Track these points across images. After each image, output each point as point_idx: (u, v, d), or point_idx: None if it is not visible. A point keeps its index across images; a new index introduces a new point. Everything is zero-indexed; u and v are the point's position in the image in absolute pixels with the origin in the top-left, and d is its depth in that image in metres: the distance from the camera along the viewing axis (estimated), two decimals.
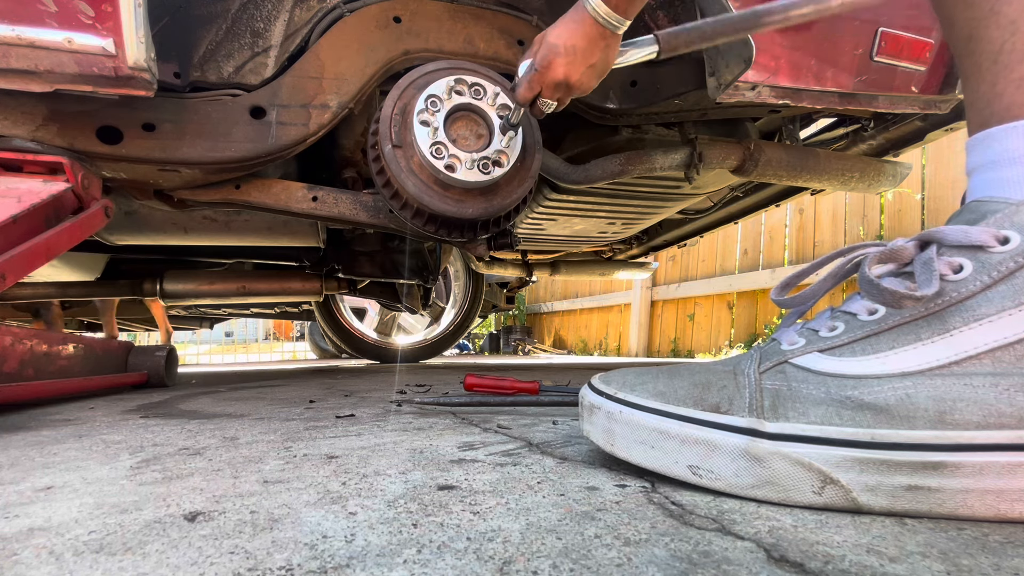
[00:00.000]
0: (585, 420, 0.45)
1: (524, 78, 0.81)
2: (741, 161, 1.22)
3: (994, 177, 0.36)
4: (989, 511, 0.31)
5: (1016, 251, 0.33)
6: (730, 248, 3.45)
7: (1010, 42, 0.36)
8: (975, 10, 0.38)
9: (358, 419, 0.74)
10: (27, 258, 0.76)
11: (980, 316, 0.33)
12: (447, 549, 0.28)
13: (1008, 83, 0.36)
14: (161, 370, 1.29)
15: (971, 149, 0.39)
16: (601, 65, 0.77)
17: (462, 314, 2.88)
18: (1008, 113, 0.36)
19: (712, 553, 0.27)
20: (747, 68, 0.88)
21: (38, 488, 0.41)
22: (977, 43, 0.38)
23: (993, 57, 0.37)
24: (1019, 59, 0.36)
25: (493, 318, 6.37)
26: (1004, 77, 0.36)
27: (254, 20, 0.97)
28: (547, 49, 0.76)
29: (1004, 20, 0.36)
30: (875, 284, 0.35)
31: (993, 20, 0.37)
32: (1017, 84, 0.36)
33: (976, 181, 0.38)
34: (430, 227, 0.98)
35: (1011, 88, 0.36)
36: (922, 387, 0.33)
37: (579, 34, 0.74)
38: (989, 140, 0.37)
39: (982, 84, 0.38)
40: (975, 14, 0.38)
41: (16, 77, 0.74)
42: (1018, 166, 0.35)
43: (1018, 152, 0.35)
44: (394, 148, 0.92)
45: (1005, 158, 0.36)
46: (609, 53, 0.76)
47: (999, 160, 0.36)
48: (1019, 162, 0.35)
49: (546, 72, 0.78)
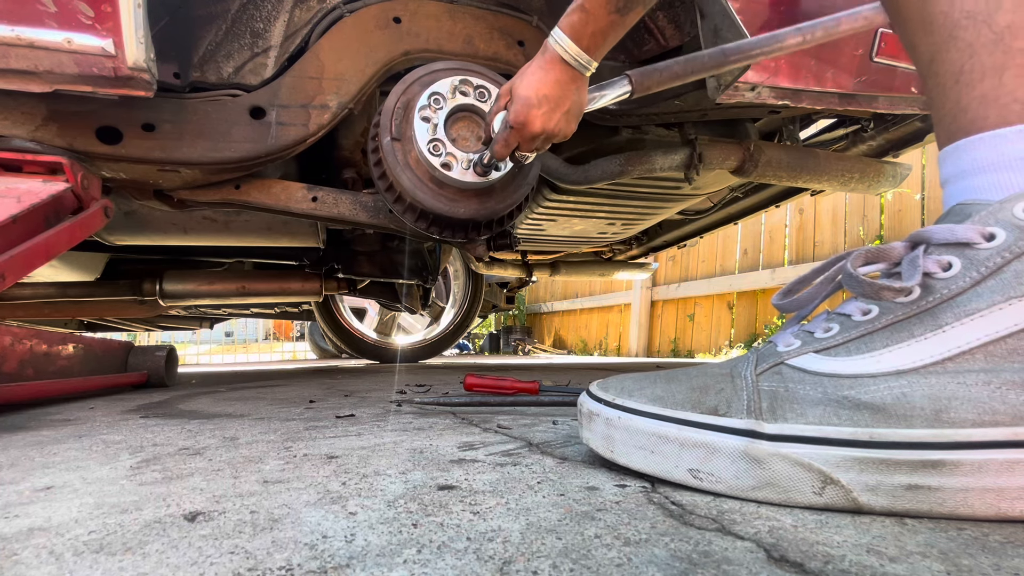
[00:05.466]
0: (584, 427, 0.45)
1: (500, 136, 0.80)
2: (741, 162, 1.22)
3: (968, 185, 0.38)
4: (990, 510, 0.31)
5: (1002, 246, 0.34)
6: (730, 248, 3.45)
7: (969, 63, 0.38)
8: (934, 36, 0.40)
9: (358, 419, 0.74)
10: (27, 258, 0.76)
11: (971, 311, 0.33)
12: (447, 549, 0.28)
13: (971, 100, 0.38)
14: (161, 370, 1.29)
15: (943, 162, 0.41)
16: (576, 108, 0.77)
17: (462, 314, 2.88)
18: (973, 126, 0.38)
19: (712, 553, 0.27)
20: (747, 69, 0.88)
21: (38, 488, 0.41)
22: (939, 65, 0.40)
23: (955, 78, 0.39)
24: (979, 78, 0.38)
25: (493, 318, 6.37)
26: (967, 95, 0.38)
27: (254, 20, 0.97)
28: (520, 104, 0.75)
29: (962, 44, 0.39)
30: (855, 277, 0.37)
31: (952, 44, 0.39)
32: (979, 100, 0.38)
33: (952, 190, 0.40)
34: (422, 224, 0.98)
35: (974, 104, 0.38)
36: (917, 386, 0.33)
37: (549, 82, 0.73)
38: (959, 152, 0.39)
39: (947, 102, 0.40)
40: (935, 39, 0.40)
41: (16, 77, 0.74)
42: (989, 173, 0.37)
43: (987, 160, 0.37)
44: (393, 141, 0.92)
45: (975, 167, 0.38)
46: (581, 96, 0.77)
47: (970, 169, 0.38)
48: (989, 169, 0.37)
49: (523, 129, 0.77)
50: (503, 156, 0.84)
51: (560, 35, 0.72)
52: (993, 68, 0.37)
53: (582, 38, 0.71)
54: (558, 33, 0.72)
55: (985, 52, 0.38)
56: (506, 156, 0.84)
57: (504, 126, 0.80)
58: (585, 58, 0.72)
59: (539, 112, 0.75)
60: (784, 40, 0.75)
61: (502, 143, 0.81)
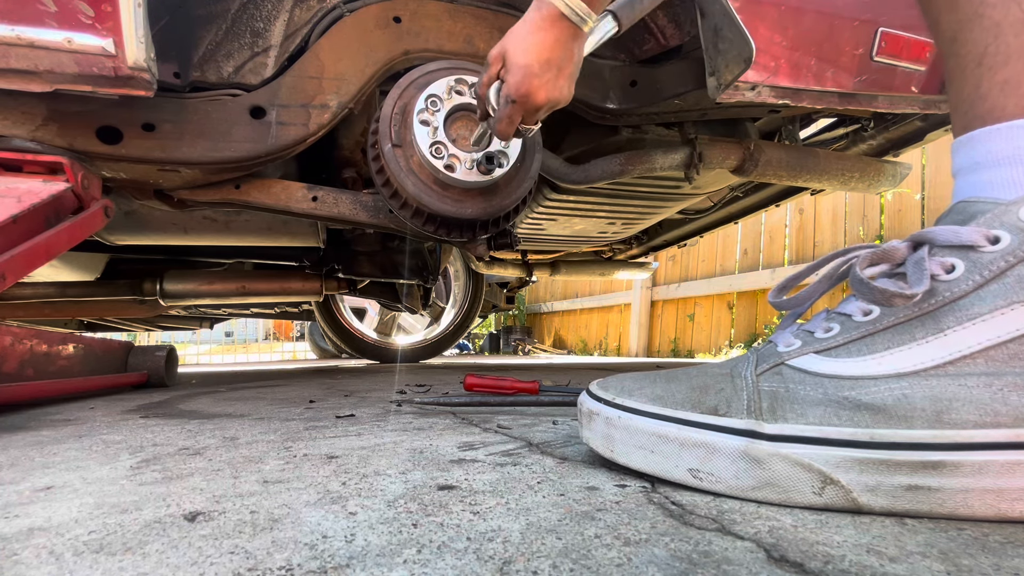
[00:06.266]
0: (584, 427, 0.45)
1: (503, 113, 0.72)
2: (741, 161, 1.22)
3: (979, 179, 0.37)
4: (989, 511, 0.31)
5: (1006, 250, 0.33)
6: (730, 248, 3.45)
7: (993, 45, 0.36)
8: (959, 12, 0.38)
9: (358, 419, 0.74)
10: (27, 258, 0.76)
11: (973, 315, 0.33)
12: (447, 549, 0.28)
13: (992, 85, 0.36)
14: (161, 370, 1.29)
15: (956, 151, 0.39)
16: (576, 68, 0.70)
17: (462, 314, 2.88)
18: (991, 115, 0.36)
19: (712, 553, 0.27)
20: (747, 68, 0.88)
21: (38, 488, 0.41)
22: (961, 45, 0.38)
23: (977, 59, 0.37)
24: (1003, 62, 0.36)
25: (493, 318, 6.36)
26: (988, 79, 0.36)
27: (254, 20, 0.97)
28: (520, 74, 0.67)
29: (988, 23, 0.36)
30: (865, 283, 0.36)
31: (977, 23, 0.37)
32: (1000, 87, 0.36)
33: (962, 183, 0.38)
34: (429, 227, 0.98)
35: (995, 91, 0.36)
36: (918, 387, 0.33)
37: (549, 43, 0.66)
38: (973, 142, 0.37)
39: (966, 86, 0.38)
40: (959, 16, 0.38)
41: (16, 77, 0.74)
42: (1003, 168, 0.35)
43: (1002, 154, 0.35)
44: (394, 147, 0.92)
45: (989, 160, 0.36)
46: (581, 53, 0.69)
47: (983, 162, 0.36)
48: (1003, 164, 0.35)
49: (528, 101, 0.69)
50: (509, 135, 0.76)
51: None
52: (1019, 51, 0.35)
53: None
54: None
55: (1012, 33, 0.35)
56: (511, 134, 0.75)
57: (505, 101, 0.71)
58: (585, 9, 0.64)
59: (542, 81, 0.67)
60: None
61: (506, 121, 0.73)
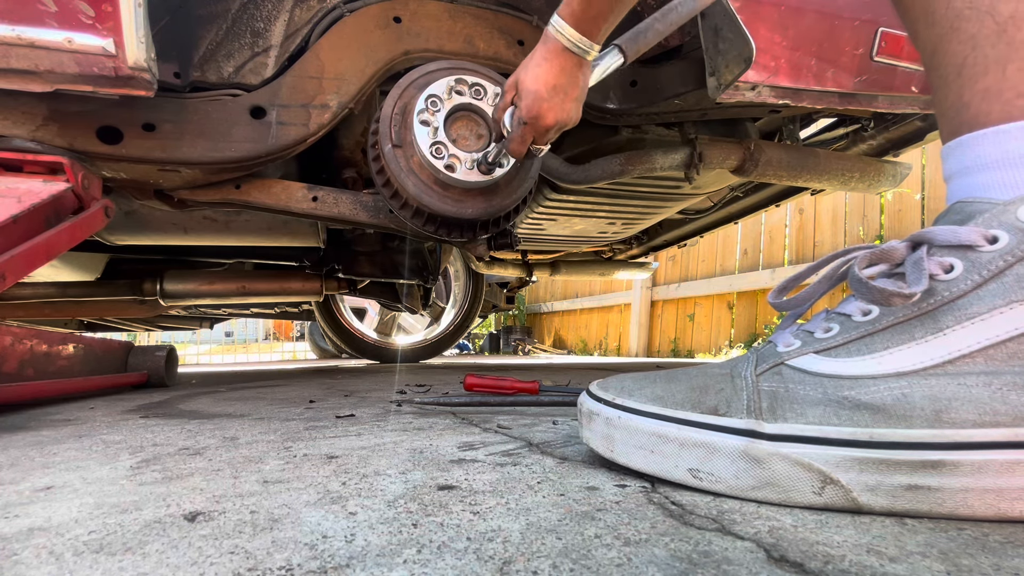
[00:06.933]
0: (584, 427, 0.45)
1: (516, 134, 0.80)
2: (741, 161, 1.22)
3: (972, 182, 0.37)
4: (989, 510, 0.31)
5: (1005, 250, 0.33)
6: (730, 248, 3.45)
7: (971, 56, 0.37)
8: (937, 28, 0.39)
9: (358, 419, 0.74)
10: (27, 258, 0.76)
11: (972, 315, 0.33)
12: (447, 549, 0.28)
13: (973, 94, 0.37)
14: (161, 370, 1.29)
15: (946, 157, 0.40)
16: (582, 93, 0.77)
17: (462, 314, 2.88)
18: (976, 122, 0.37)
19: (712, 553, 0.27)
20: (747, 68, 0.88)
21: (38, 488, 0.41)
22: (942, 57, 0.39)
23: (957, 70, 0.38)
24: (981, 72, 0.37)
25: (493, 318, 6.36)
26: (969, 88, 0.38)
27: (254, 20, 0.97)
28: (531, 99, 0.75)
29: (964, 36, 0.38)
30: (864, 283, 0.36)
31: (954, 36, 0.38)
32: (982, 95, 0.37)
33: (955, 187, 0.39)
34: (430, 227, 0.98)
35: (976, 99, 0.37)
36: (917, 387, 0.33)
37: (555, 71, 0.73)
38: (962, 148, 0.38)
39: (949, 95, 0.39)
40: (937, 31, 0.39)
41: (16, 77, 0.74)
42: (994, 170, 0.36)
43: (991, 157, 0.36)
44: (394, 148, 0.92)
45: (980, 164, 0.37)
46: (586, 79, 0.76)
47: (973, 166, 0.37)
48: (993, 167, 0.36)
49: (538, 123, 0.77)
50: (521, 154, 0.83)
51: (560, 22, 0.71)
52: (996, 61, 0.36)
53: (582, 23, 0.70)
54: (558, 21, 0.71)
55: (988, 44, 0.37)
56: (523, 153, 0.83)
57: (518, 123, 0.79)
58: (587, 43, 0.71)
59: (550, 104, 0.75)
60: None
61: (518, 140, 0.80)
